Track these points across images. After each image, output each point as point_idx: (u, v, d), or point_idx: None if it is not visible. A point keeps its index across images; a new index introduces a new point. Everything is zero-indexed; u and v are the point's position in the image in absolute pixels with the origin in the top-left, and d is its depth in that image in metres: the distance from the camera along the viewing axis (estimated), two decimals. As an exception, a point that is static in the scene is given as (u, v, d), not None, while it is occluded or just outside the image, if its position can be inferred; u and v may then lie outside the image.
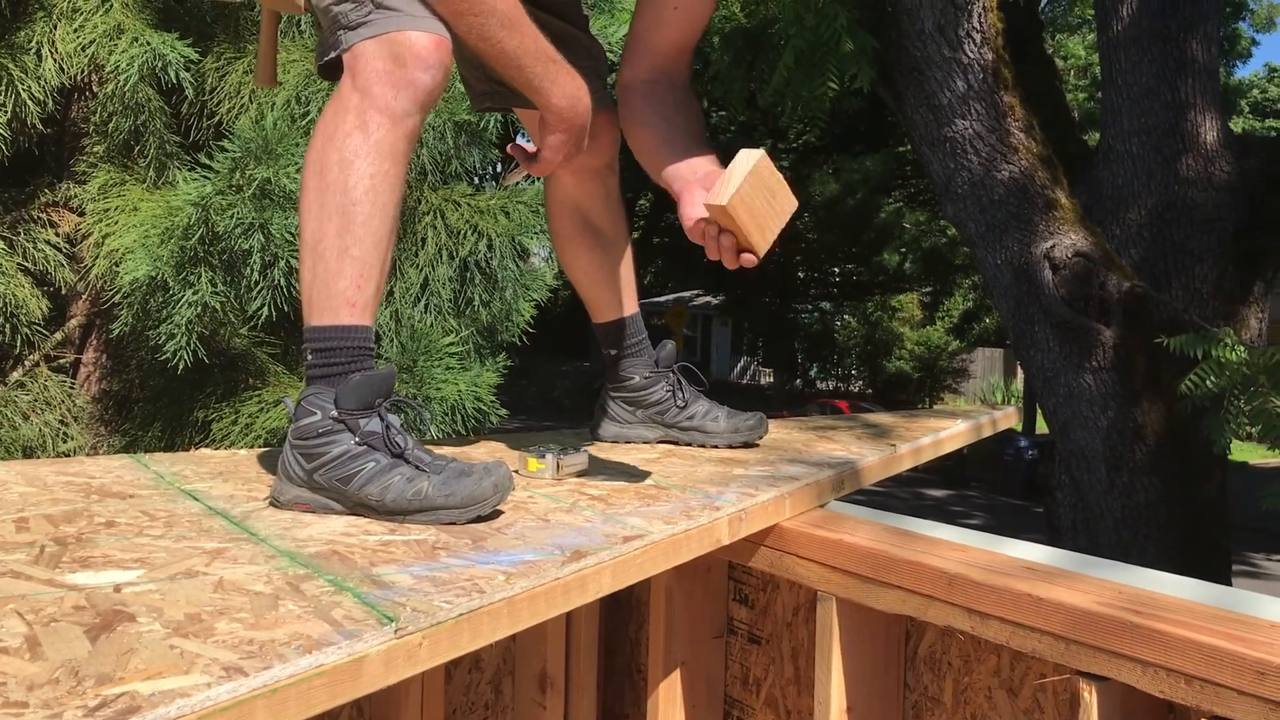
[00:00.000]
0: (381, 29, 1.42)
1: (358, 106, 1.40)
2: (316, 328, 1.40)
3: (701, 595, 1.81)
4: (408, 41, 1.41)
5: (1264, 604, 1.14)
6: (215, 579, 1.03)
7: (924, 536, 1.48)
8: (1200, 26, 5.31)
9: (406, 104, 1.42)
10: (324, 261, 1.39)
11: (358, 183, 1.39)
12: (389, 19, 1.42)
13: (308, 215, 1.41)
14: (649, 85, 1.80)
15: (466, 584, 1.06)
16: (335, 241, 1.39)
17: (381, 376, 1.38)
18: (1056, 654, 1.18)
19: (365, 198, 1.39)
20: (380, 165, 1.40)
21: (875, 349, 28.68)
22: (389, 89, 1.40)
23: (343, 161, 1.39)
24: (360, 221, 1.39)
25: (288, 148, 2.54)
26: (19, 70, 2.78)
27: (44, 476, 1.48)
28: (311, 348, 1.40)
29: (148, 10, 2.93)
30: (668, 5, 1.80)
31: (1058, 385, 5.01)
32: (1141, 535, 4.99)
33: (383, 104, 1.40)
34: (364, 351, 1.40)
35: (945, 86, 4.95)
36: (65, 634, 0.86)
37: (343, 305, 1.39)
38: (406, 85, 1.41)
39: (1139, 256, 5.30)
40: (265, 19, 1.71)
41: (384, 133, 1.40)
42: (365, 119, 1.40)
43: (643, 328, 2.10)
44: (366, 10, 1.42)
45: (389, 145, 1.41)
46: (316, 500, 1.35)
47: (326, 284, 1.39)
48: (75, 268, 3.03)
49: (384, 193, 1.41)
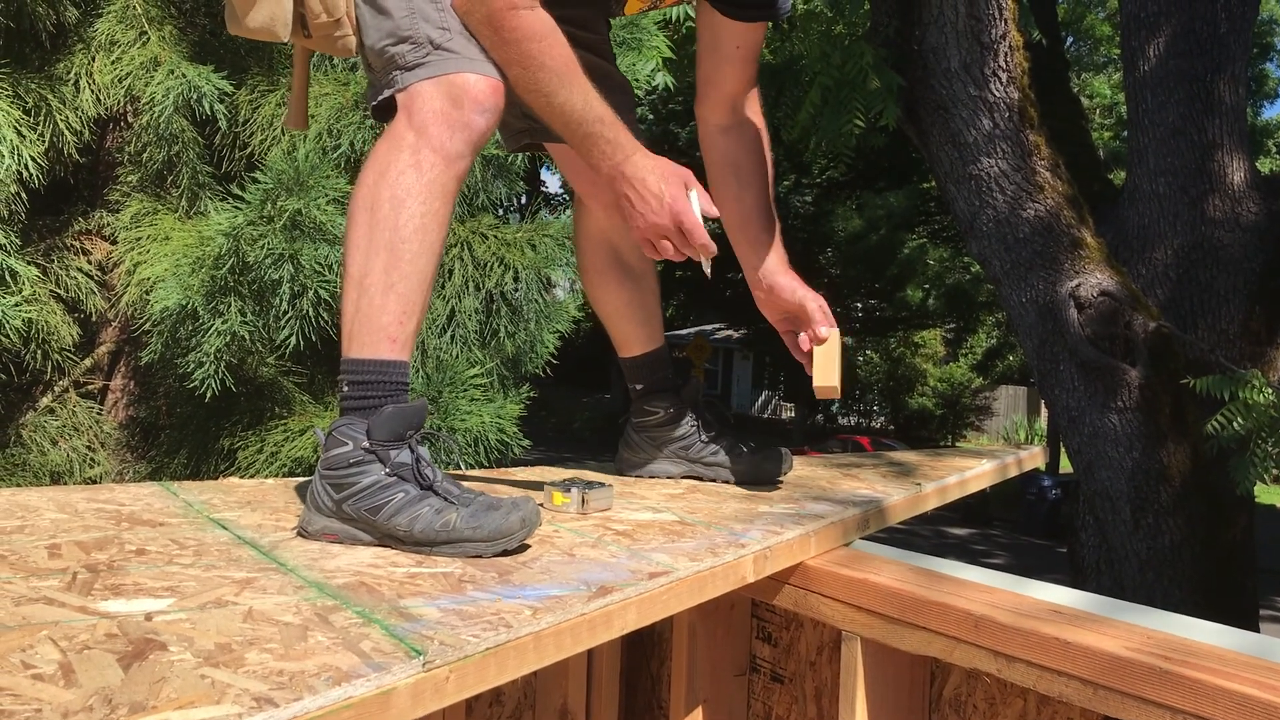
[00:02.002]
0: (440, 70, 1.45)
1: (413, 145, 1.43)
2: (356, 360, 1.42)
3: (724, 632, 1.80)
4: (465, 84, 1.45)
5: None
6: (245, 609, 1.04)
7: (950, 578, 1.47)
8: (1228, 67, 5.30)
9: (461, 145, 1.45)
10: (368, 296, 1.41)
11: (408, 220, 1.41)
12: (447, 60, 1.46)
13: (355, 250, 1.43)
14: (728, 132, 1.92)
15: (493, 618, 1.06)
16: (381, 277, 1.41)
17: (413, 409, 1.39)
18: (1084, 699, 1.17)
19: (415, 236, 1.42)
20: (431, 204, 1.43)
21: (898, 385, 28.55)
22: (445, 129, 1.43)
23: (395, 199, 1.41)
24: (408, 259, 1.42)
25: (319, 180, 2.57)
26: (57, 101, 2.83)
27: (75, 503, 1.50)
28: (349, 379, 1.42)
29: (184, 43, 2.98)
30: (730, 45, 1.89)
31: (1082, 425, 4.97)
32: (1166, 578, 4.93)
33: (438, 144, 1.43)
34: (400, 386, 1.42)
35: (971, 125, 4.96)
36: (98, 661, 0.87)
37: (384, 340, 1.41)
38: (462, 127, 1.44)
39: (1165, 297, 5.28)
40: (298, 62, 1.74)
41: (437, 172, 1.43)
42: (419, 158, 1.42)
43: (669, 363, 2.11)
44: (425, 52, 1.46)
45: (441, 185, 1.44)
46: (344, 531, 1.35)
47: (369, 318, 1.41)
48: (106, 295, 3.07)
49: (432, 231, 1.43)
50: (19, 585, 1.06)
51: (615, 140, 1.53)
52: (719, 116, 1.94)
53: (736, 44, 1.88)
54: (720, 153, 1.93)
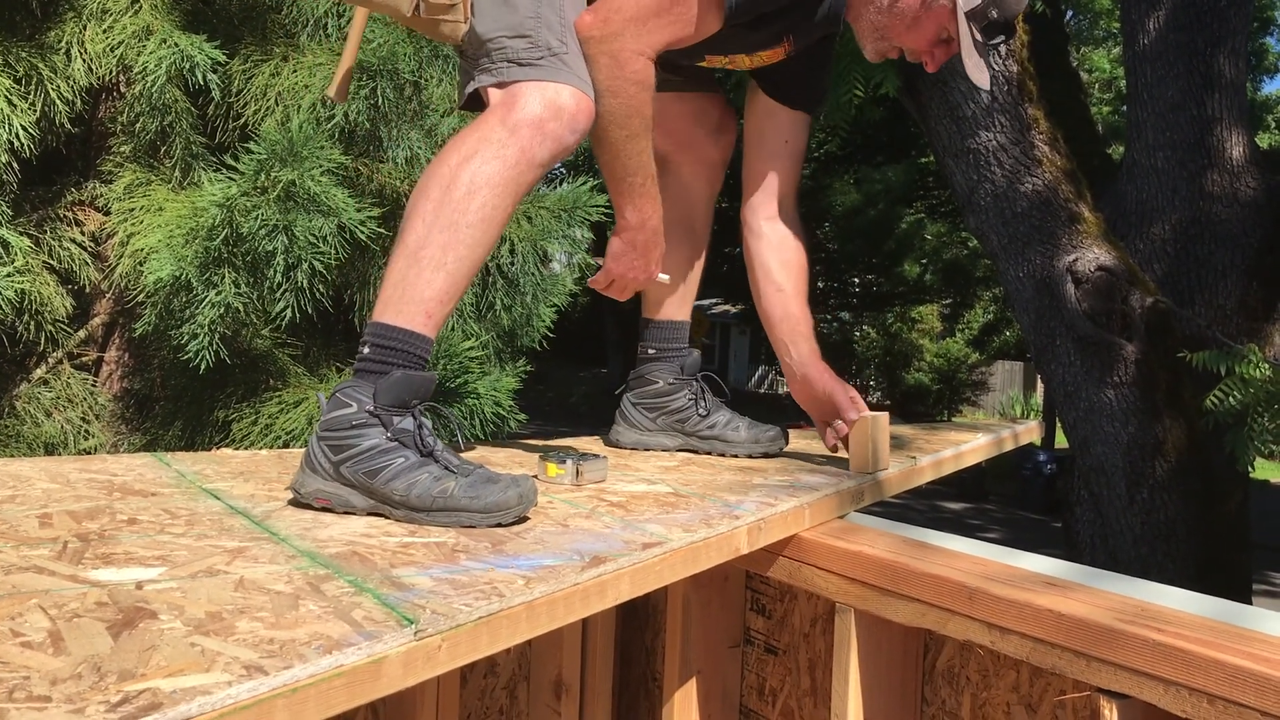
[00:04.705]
0: (551, 76, 1.50)
1: (501, 140, 1.46)
2: (386, 325, 1.42)
3: (719, 604, 1.80)
4: (568, 99, 1.50)
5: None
6: (236, 578, 1.03)
7: (943, 549, 1.47)
8: (1227, 41, 5.27)
9: (546, 155, 1.49)
10: (418, 267, 1.42)
11: (479, 209, 1.44)
12: (559, 70, 1.50)
13: (418, 220, 1.45)
14: (772, 232, 2.00)
15: (486, 587, 1.06)
16: (438, 253, 1.43)
17: (422, 379, 1.40)
18: (1077, 670, 1.17)
19: (479, 224, 1.44)
20: (502, 200, 1.46)
21: (894, 360, 28.53)
22: (537, 136, 1.47)
23: (472, 185, 1.44)
24: (466, 244, 1.44)
25: (312, 151, 2.55)
26: (48, 70, 2.80)
27: (67, 473, 1.49)
28: (373, 342, 1.42)
29: (176, 12, 2.95)
30: (780, 141, 1.99)
31: (1078, 400, 4.97)
32: (1161, 552, 4.94)
33: (527, 146, 1.47)
34: (419, 361, 1.43)
35: (969, 98, 4.93)
36: (88, 630, 0.87)
37: (421, 313, 1.43)
38: (554, 139, 1.49)
39: (1163, 272, 5.26)
40: (353, 34, 1.73)
41: (517, 173, 1.46)
42: (505, 153, 1.46)
43: (685, 338, 2.13)
44: (540, 54, 1.50)
45: (515, 186, 1.47)
46: (337, 495, 1.35)
47: (414, 288, 1.42)
48: (100, 266, 3.05)
49: (494, 225, 1.47)
50: (9, 554, 1.06)
51: (653, 196, 1.72)
52: (764, 214, 2.01)
53: (785, 139, 1.99)
54: (763, 251, 2.01)
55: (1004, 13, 1.73)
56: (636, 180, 1.69)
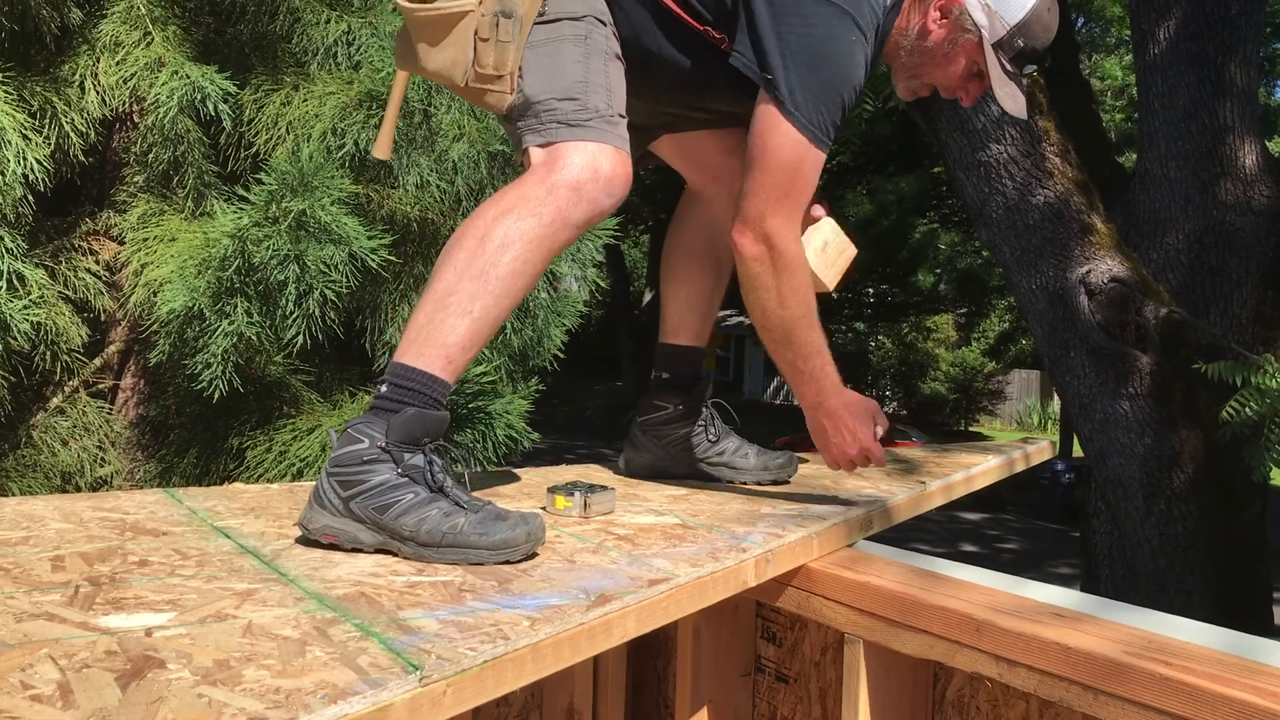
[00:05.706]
0: (600, 138, 1.53)
1: (540, 199, 1.49)
2: (407, 366, 1.45)
3: (729, 633, 1.81)
4: (608, 161, 1.53)
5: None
6: (244, 623, 1.04)
7: (951, 579, 1.47)
8: (1239, 49, 5.25)
9: (581, 217, 1.52)
10: (444, 313, 1.45)
11: (510, 262, 1.47)
12: (603, 132, 1.54)
13: (449, 269, 1.47)
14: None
15: (491, 629, 1.06)
16: (464, 301, 1.45)
17: (435, 418, 1.42)
18: (1085, 704, 1.17)
19: (508, 277, 1.47)
20: (533, 257, 1.49)
21: (910, 370, 28.47)
22: (573, 197, 1.50)
23: (505, 239, 1.47)
24: (494, 296, 1.47)
25: (323, 180, 2.57)
26: (62, 103, 2.84)
27: (80, 512, 1.51)
28: (391, 381, 1.45)
29: (188, 43, 2.98)
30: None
31: (1094, 411, 4.95)
32: (1179, 564, 4.91)
33: (563, 207, 1.50)
34: (435, 404, 1.44)
35: (979, 110, 4.92)
36: (96, 681, 0.88)
37: (441, 357, 1.45)
38: (590, 202, 1.52)
39: (1176, 282, 5.24)
40: (396, 93, 1.75)
41: (551, 231, 1.49)
42: (541, 211, 1.48)
43: (699, 366, 2.13)
44: (589, 116, 1.54)
45: (548, 244, 1.50)
46: (344, 532, 1.36)
47: (439, 333, 1.45)
48: (114, 295, 3.08)
49: (523, 280, 1.49)
50: (21, 600, 1.07)
51: (828, 375, 1.78)
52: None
53: None
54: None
55: (1031, 41, 1.73)
56: (819, 364, 1.77)
